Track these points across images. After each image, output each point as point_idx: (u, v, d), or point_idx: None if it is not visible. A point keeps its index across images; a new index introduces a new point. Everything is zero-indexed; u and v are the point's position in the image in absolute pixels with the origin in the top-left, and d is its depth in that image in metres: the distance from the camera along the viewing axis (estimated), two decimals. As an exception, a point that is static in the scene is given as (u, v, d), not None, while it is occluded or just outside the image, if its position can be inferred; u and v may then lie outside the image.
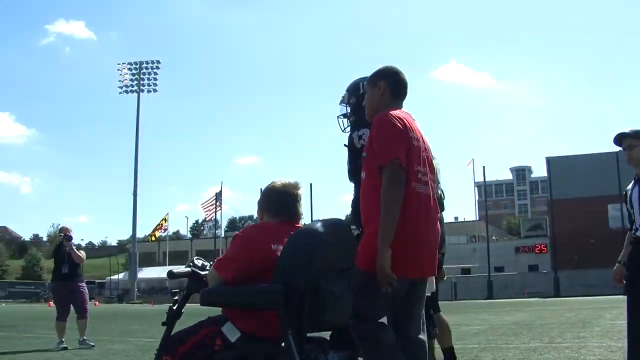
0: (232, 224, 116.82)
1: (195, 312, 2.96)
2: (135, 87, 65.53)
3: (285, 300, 2.73)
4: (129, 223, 68.17)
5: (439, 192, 5.54)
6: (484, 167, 55.10)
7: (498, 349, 7.90)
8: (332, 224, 3.01)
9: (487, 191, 67.19)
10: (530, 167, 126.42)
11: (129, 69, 66.06)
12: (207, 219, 77.41)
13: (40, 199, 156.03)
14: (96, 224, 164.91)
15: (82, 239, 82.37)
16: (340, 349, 3.11)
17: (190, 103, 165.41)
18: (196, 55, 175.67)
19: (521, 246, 63.81)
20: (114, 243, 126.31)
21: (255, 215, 3.51)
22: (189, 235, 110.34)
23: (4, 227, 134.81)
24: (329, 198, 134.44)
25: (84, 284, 10.35)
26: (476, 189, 78.53)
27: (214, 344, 2.91)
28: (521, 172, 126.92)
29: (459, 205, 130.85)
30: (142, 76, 65.78)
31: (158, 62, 66.49)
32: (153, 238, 70.71)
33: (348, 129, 4.31)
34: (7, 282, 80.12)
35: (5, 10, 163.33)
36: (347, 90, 4.30)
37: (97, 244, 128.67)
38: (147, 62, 66.35)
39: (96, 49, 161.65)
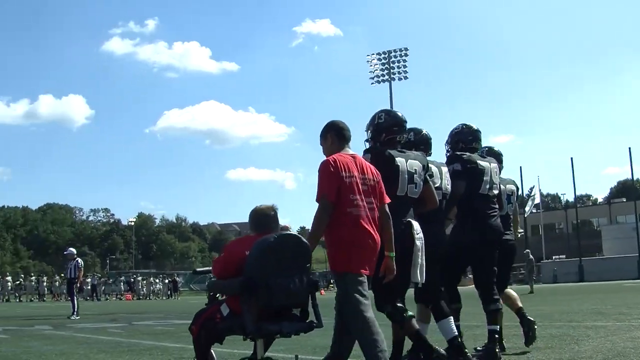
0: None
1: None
2: (386, 77, 67.02)
3: (243, 288, 4.19)
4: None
5: (512, 188, 7.25)
6: None
7: None
8: (282, 236, 4.42)
9: None
10: None
11: (379, 59, 67.75)
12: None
13: (304, 193, 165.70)
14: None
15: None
16: (300, 321, 4.50)
17: (439, 86, 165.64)
18: (440, 38, 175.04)
19: None
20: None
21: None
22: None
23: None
24: (592, 171, 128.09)
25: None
26: None
27: (216, 317, 4.47)
28: None
29: None
30: (391, 65, 67.16)
31: (406, 49, 67.56)
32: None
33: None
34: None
35: (255, 18, 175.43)
36: (368, 123, 5.59)
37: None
38: (395, 51, 67.64)
39: (343, 44, 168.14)
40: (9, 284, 49.28)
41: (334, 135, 4.91)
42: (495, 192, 6.39)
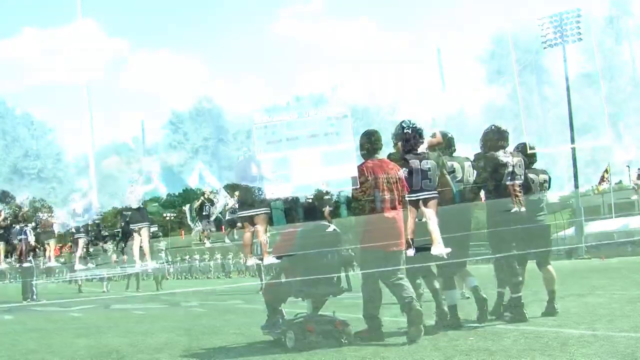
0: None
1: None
2: (559, 40, 64.06)
3: (289, 263, 6.14)
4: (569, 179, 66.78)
5: (545, 177, 8.32)
6: None
7: None
8: (317, 225, 6.42)
9: None
10: None
11: (550, 22, 64.86)
12: (650, 166, 72.47)
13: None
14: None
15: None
16: (334, 286, 6.28)
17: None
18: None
19: None
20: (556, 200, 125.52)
21: None
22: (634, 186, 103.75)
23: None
24: None
25: None
26: None
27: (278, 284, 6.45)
28: None
29: None
30: (563, 27, 64.06)
31: (578, 10, 64.16)
32: (597, 191, 68.40)
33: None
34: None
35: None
36: (393, 133, 7.05)
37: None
38: (567, 12, 64.42)
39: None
40: (197, 262, 52.59)
41: (366, 144, 6.71)
42: (518, 182, 7.70)
